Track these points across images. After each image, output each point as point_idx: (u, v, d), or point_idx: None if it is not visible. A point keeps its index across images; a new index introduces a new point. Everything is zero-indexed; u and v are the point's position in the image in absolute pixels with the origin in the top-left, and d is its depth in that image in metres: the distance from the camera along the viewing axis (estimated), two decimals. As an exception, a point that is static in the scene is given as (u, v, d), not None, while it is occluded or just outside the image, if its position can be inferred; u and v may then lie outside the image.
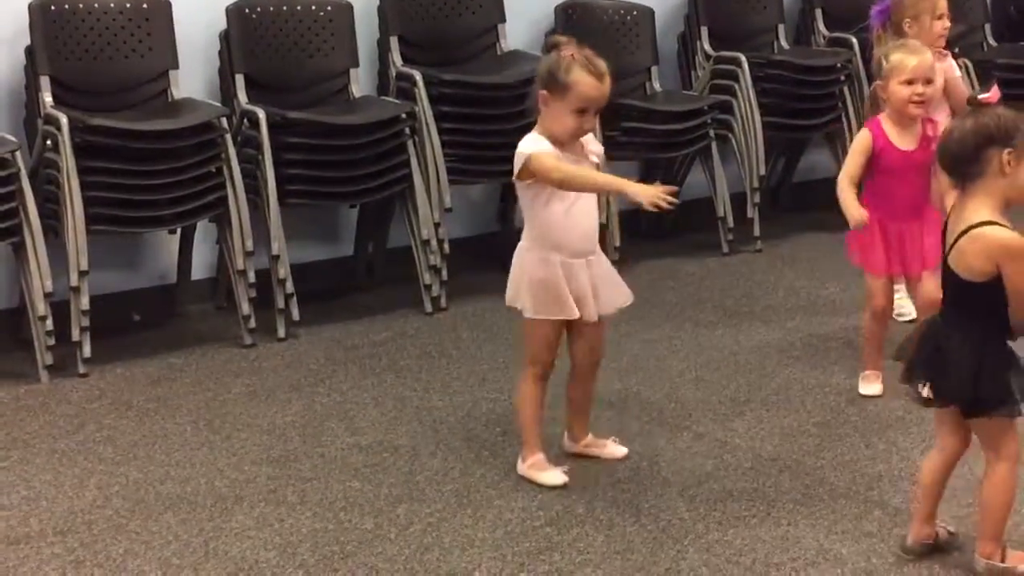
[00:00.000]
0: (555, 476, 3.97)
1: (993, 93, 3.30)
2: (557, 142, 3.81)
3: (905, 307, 5.29)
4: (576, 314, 3.89)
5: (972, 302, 3.24)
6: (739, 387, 4.71)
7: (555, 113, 3.80)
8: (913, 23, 5.17)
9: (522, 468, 4.02)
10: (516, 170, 3.84)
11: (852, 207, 4.40)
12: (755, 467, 4.07)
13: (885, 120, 4.51)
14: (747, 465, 4.08)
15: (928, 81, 4.46)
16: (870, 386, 4.60)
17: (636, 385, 4.67)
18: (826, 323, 5.33)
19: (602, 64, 3.80)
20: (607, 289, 3.97)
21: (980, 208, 3.21)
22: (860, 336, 4.74)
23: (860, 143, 4.52)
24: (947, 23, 5.12)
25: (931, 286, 4.25)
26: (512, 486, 3.98)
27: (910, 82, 4.43)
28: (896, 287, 5.33)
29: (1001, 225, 3.20)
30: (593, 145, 3.95)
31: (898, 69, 4.44)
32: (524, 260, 3.92)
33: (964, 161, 3.25)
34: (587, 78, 3.75)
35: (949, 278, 3.29)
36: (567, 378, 4.11)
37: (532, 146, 3.80)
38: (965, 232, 3.21)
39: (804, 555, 3.54)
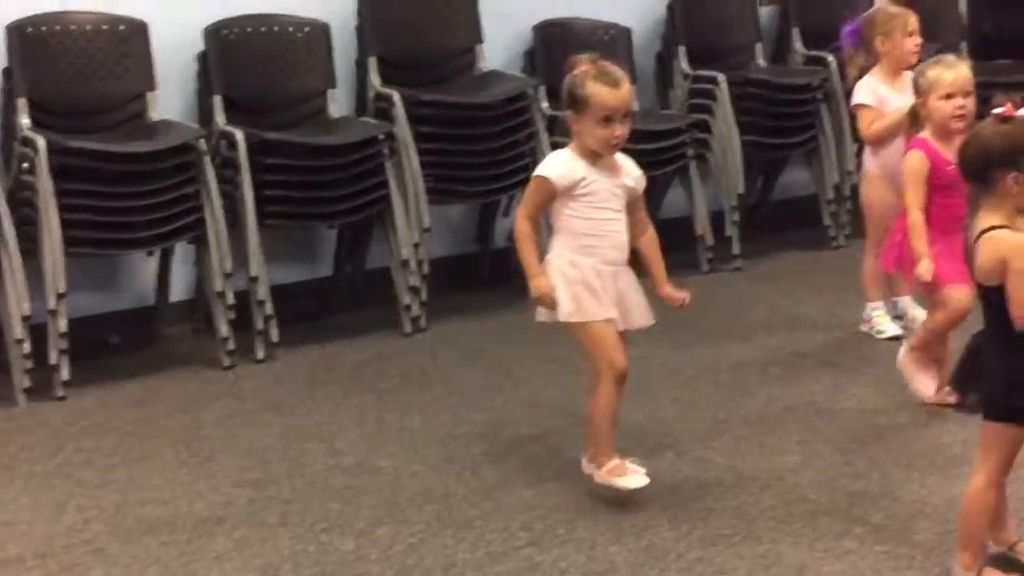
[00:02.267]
0: (638, 479, 3.93)
1: (1008, 107, 3.28)
2: (593, 155, 3.87)
3: (884, 325, 5.30)
4: (614, 314, 3.89)
5: (999, 310, 3.23)
6: (719, 405, 4.71)
7: (584, 128, 3.85)
8: (885, 40, 5.20)
9: (599, 475, 3.97)
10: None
11: (925, 252, 4.32)
12: (736, 485, 4.07)
13: (930, 138, 4.48)
14: (728, 483, 4.08)
15: (967, 94, 4.43)
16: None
17: (616, 404, 4.66)
18: (806, 341, 5.33)
19: (616, 71, 3.87)
20: (634, 304, 3.97)
21: (992, 218, 3.23)
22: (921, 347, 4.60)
23: (919, 168, 4.43)
24: (919, 40, 5.14)
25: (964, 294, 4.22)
26: (493, 507, 3.97)
27: (950, 96, 4.42)
28: (875, 305, 5.35)
29: (1011, 229, 3.21)
30: (631, 168, 3.96)
31: (937, 84, 4.42)
32: (554, 268, 3.90)
33: (974, 178, 3.28)
34: (601, 88, 3.81)
35: (978, 290, 3.30)
36: (585, 394, 4.07)
37: (543, 167, 3.92)
38: (978, 239, 3.23)
39: (785, 573, 3.54)
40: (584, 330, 3.91)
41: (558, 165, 3.90)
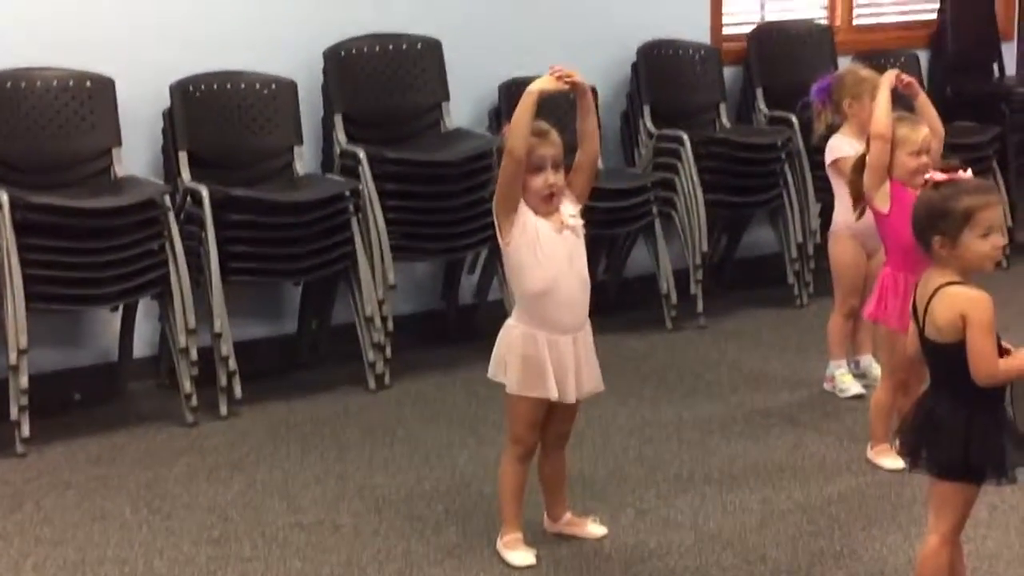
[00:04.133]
0: (522, 556, 3.96)
1: (932, 176, 3.33)
2: (539, 213, 3.88)
3: (847, 384, 5.32)
4: (555, 395, 3.88)
5: (954, 367, 3.23)
6: (682, 463, 4.71)
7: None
8: (853, 103, 5.27)
9: (498, 544, 4.01)
10: (498, 231, 3.89)
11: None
12: (697, 544, 4.07)
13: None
14: (689, 542, 4.08)
15: (928, 151, 4.62)
16: (892, 459, 4.48)
17: (579, 461, 4.65)
18: (769, 399, 5.35)
19: (543, 124, 3.88)
20: (587, 370, 3.96)
21: (944, 276, 3.27)
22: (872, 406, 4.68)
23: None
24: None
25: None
26: (455, 565, 3.96)
27: (918, 153, 4.59)
28: (838, 363, 5.37)
29: (965, 285, 3.24)
30: (565, 206, 3.93)
31: (907, 142, 4.60)
32: (511, 335, 3.91)
33: (917, 239, 3.31)
34: (530, 138, 3.82)
35: (928, 348, 3.30)
36: (538, 457, 4.08)
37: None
38: (932, 296, 3.25)
39: (746, 633, 3.54)
40: (515, 401, 3.93)
41: None
